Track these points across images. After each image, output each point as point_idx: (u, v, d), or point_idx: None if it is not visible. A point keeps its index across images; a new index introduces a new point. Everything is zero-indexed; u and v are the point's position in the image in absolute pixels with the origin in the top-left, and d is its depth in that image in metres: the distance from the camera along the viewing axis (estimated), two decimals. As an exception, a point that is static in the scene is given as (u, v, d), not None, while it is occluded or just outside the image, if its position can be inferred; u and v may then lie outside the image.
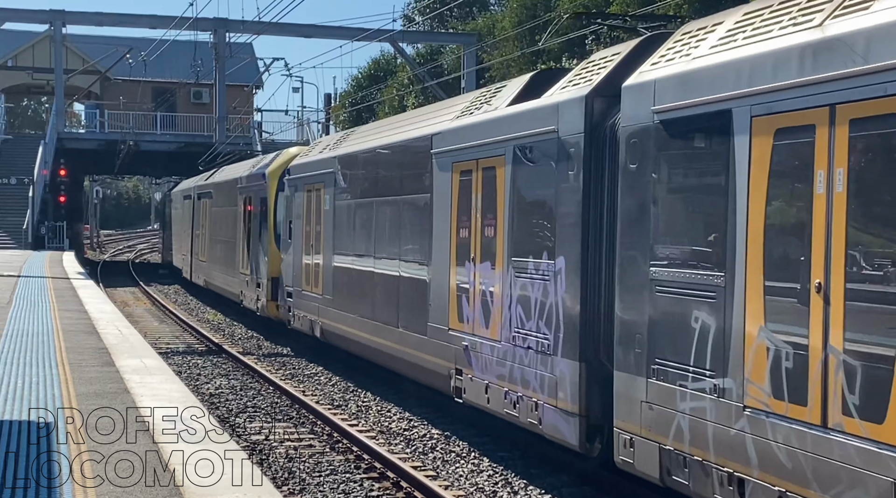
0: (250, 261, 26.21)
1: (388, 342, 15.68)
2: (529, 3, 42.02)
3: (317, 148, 21.87)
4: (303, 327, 20.76)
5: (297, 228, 21.34)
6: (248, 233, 26.63)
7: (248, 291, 26.48)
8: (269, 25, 37.29)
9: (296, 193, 21.54)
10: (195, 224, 37.35)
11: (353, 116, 59.64)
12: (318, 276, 19.60)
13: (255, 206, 26.14)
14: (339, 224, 18.55)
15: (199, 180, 38.85)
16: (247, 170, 28.86)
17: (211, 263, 33.32)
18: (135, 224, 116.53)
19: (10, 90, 63.46)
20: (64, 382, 10.59)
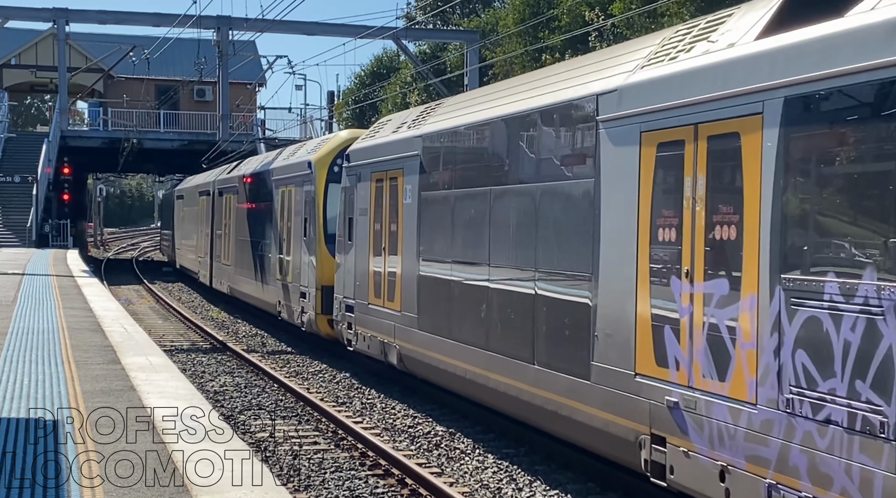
0: (292, 266, 22.37)
1: (516, 382, 11.74)
2: (532, 1, 42.00)
3: (386, 127, 17.63)
4: (370, 350, 16.75)
5: (360, 227, 17.48)
6: (288, 233, 22.90)
7: (288, 302, 22.57)
8: (272, 23, 37.31)
9: (358, 184, 17.65)
10: (216, 223, 33.48)
11: (356, 114, 59.64)
12: (394, 287, 15.60)
13: (297, 201, 22.27)
14: (427, 222, 14.48)
15: (220, 173, 34.68)
16: (283, 159, 25.01)
17: (238, 268, 29.18)
18: (138, 222, 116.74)
19: (14, 88, 63.54)
20: (70, 380, 10.62)
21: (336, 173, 19.90)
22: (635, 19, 30.96)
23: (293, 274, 22.25)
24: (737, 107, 7.97)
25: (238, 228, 29.25)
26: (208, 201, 35.37)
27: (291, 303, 22.33)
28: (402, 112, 19.12)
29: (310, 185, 21.09)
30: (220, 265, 32.34)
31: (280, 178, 24.16)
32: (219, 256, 32.54)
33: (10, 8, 49.52)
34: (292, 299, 22.25)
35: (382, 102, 57.53)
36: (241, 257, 28.73)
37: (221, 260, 31.93)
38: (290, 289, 22.40)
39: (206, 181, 37.14)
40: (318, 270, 20.25)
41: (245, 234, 28.25)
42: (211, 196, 34.72)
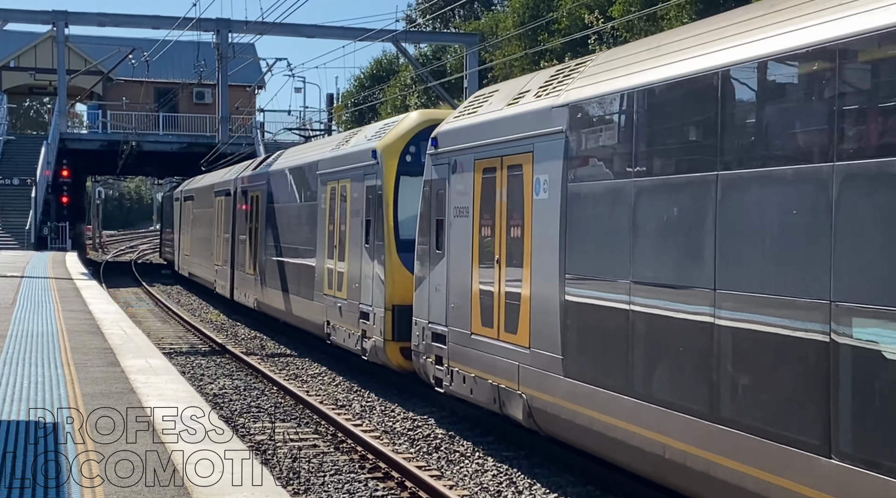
0: (347, 279, 18.24)
1: (785, 481, 7.41)
2: (532, 3, 42.03)
3: (492, 99, 13.29)
4: (475, 396, 12.79)
5: (457, 232, 13.42)
6: (341, 238, 18.74)
7: (342, 324, 18.48)
8: (271, 26, 37.33)
9: (452, 176, 13.59)
10: (238, 227, 29.17)
11: (355, 116, 59.67)
12: (516, 314, 11.63)
13: (353, 199, 18.17)
14: (579, 225, 10.38)
15: (242, 170, 30.38)
16: (332, 149, 20.43)
17: (269, 280, 24.88)
18: (136, 225, 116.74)
19: (13, 91, 63.53)
20: (70, 382, 10.62)
21: (409, 164, 16.43)
22: (635, 22, 30.99)
23: (349, 289, 17.99)
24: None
25: (269, 233, 24.91)
26: (227, 202, 30.89)
27: (346, 324, 18.17)
28: (511, 81, 14.41)
29: (374, 178, 16.96)
30: (243, 275, 27.95)
31: (329, 172, 19.77)
32: (242, 265, 28.19)
33: (9, 10, 49.59)
34: (347, 320, 18.06)
35: (382, 105, 57.57)
36: (272, 267, 24.35)
37: (246, 269, 27.55)
38: (345, 307, 18.23)
39: (224, 179, 32.51)
40: (389, 285, 16.14)
41: (278, 239, 24.08)
42: (232, 196, 30.15)
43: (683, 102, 8.94)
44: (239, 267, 28.70)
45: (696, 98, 8.73)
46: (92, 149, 52.13)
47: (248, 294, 27.36)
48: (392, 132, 17.19)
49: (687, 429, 8.49)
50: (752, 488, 7.66)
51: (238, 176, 29.92)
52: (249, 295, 27.13)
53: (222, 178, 33.11)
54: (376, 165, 16.91)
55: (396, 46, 50.60)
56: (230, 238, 30.16)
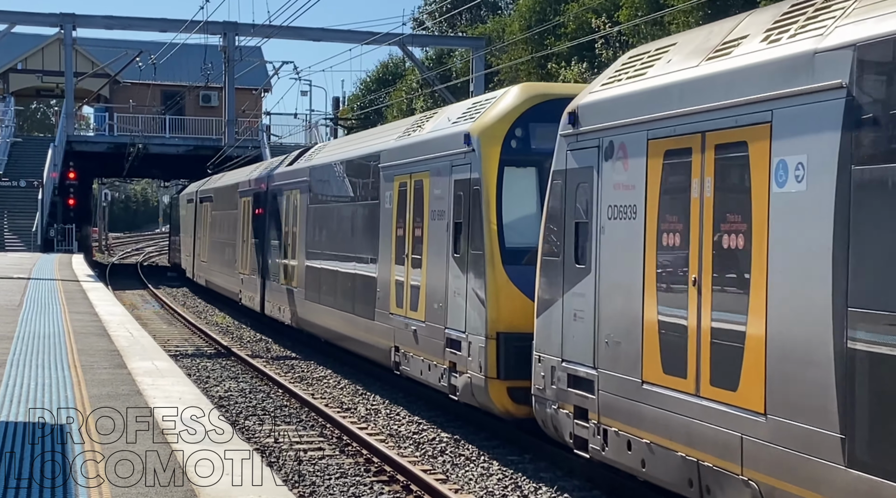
0: (425, 297, 14.80)
1: None
2: (538, 8, 42.08)
3: (667, 58, 9.69)
4: (656, 473, 9.24)
5: (612, 239, 9.95)
6: (416, 245, 15.27)
7: (419, 352, 14.97)
8: (278, 29, 37.40)
9: (608, 164, 10.02)
10: (268, 231, 26.00)
11: (361, 120, 59.74)
12: (735, 361, 8.11)
13: (434, 197, 14.67)
14: (880, 232, 6.83)
15: (270, 167, 27.55)
16: (399, 137, 16.93)
17: (309, 293, 21.44)
18: (142, 227, 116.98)
19: (20, 93, 63.68)
20: (77, 384, 10.65)
21: (515, 151, 13.14)
22: (642, 27, 31.02)
23: (429, 309, 14.59)
24: None
25: (311, 237, 21.53)
26: (256, 203, 27.83)
27: (425, 353, 14.75)
28: (687, 32, 11.21)
29: (467, 170, 13.50)
30: (277, 286, 24.45)
31: (396, 164, 16.34)
32: (276, 275, 24.72)
33: (17, 13, 49.75)
34: (427, 348, 14.68)
35: (388, 108, 57.64)
36: (316, 278, 20.93)
37: (280, 280, 24.11)
38: (423, 332, 14.78)
39: (251, 178, 29.28)
40: (491, 306, 12.72)
41: (325, 245, 20.55)
42: (262, 196, 27.21)
43: None
44: (272, 277, 25.13)
45: None
46: (98, 151, 52.25)
47: (282, 308, 23.68)
48: (491, 112, 13.61)
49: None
50: None
51: (269, 173, 26.73)
52: (285, 309, 23.46)
53: (249, 176, 29.79)
54: (470, 154, 13.40)
55: (403, 50, 50.64)
56: (260, 243, 26.70)
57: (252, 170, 31.16)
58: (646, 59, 10.07)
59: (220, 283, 33.28)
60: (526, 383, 11.71)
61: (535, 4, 42.68)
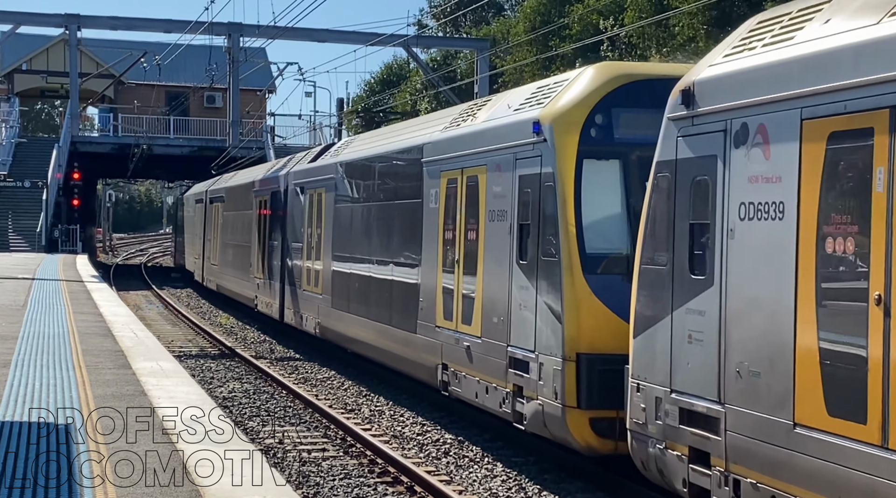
0: (481, 308, 12.90)
1: None
2: (543, 9, 42.10)
3: (822, 16, 7.89)
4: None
5: (747, 244, 8.15)
6: (470, 249, 13.36)
7: (473, 372, 13.08)
8: (283, 30, 37.44)
9: (739, 152, 8.25)
10: (289, 233, 24.03)
11: (365, 121, 59.80)
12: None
13: (494, 195, 12.75)
14: None
15: (290, 165, 25.50)
16: (446, 127, 14.94)
17: (335, 299, 19.57)
18: (146, 228, 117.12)
19: (25, 93, 63.80)
20: (81, 384, 10.66)
21: (596, 141, 11.33)
22: (647, 29, 31.02)
23: (486, 323, 12.69)
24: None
25: (339, 240, 19.59)
26: (273, 203, 26.03)
27: (482, 374, 12.79)
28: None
29: (536, 164, 11.69)
30: (299, 293, 22.52)
31: (443, 159, 14.41)
32: (297, 280, 22.75)
33: (22, 14, 49.87)
34: (484, 368, 12.71)
35: (392, 110, 57.68)
36: (344, 284, 19.08)
37: (303, 285, 22.11)
38: (479, 349, 12.84)
39: (268, 176, 27.52)
40: (569, 322, 10.97)
41: (356, 248, 18.60)
42: (280, 195, 25.08)
43: None
44: (292, 282, 23.19)
45: None
46: (103, 152, 52.33)
47: (306, 316, 21.79)
48: (565, 96, 11.68)
49: None
50: None
51: (289, 171, 24.73)
52: (308, 317, 21.53)
53: (265, 174, 28.02)
54: (541, 145, 11.54)
55: (407, 51, 50.70)
56: (279, 246, 24.68)
57: (268, 168, 29.27)
58: (788, 22, 8.21)
59: (232, 287, 31.25)
60: (611, 414, 10.22)
61: (539, 6, 42.70)
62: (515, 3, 58.72)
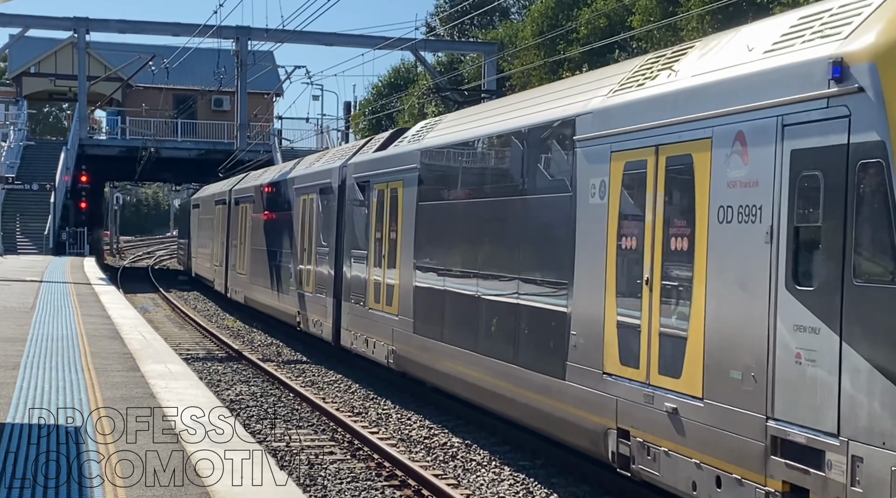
0: (704, 352, 8.80)
1: None
2: (551, 13, 42.13)
3: None
4: None
5: None
6: (665, 262, 9.53)
7: (686, 449, 8.98)
8: (291, 34, 37.49)
9: None
10: (345, 238, 19.90)
11: (372, 124, 59.83)
12: None
13: (736, 183, 8.56)
14: None
15: (343, 157, 21.18)
16: (612, 92, 10.86)
17: (419, 323, 15.66)
18: (153, 231, 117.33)
19: (33, 96, 63.96)
20: (90, 387, 10.69)
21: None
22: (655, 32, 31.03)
23: (713, 378, 8.72)
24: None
25: (426, 247, 15.56)
26: (325, 203, 21.40)
27: (712, 456, 8.70)
28: None
29: (835, 131, 7.57)
30: (362, 311, 18.43)
31: (614, 134, 10.42)
32: (361, 296, 18.54)
33: (31, 17, 49.97)
34: (712, 447, 8.69)
35: (399, 113, 57.73)
36: (433, 305, 15.13)
37: (370, 303, 18.03)
38: (698, 416, 8.86)
39: (317, 170, 22.96)
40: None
41: (452, 259, 14.56)
42: (335, 194, 20.61)
43: None
44: (354, 297, 19.00)
45: None
46: (111, 155, 52.44)
47: (373, 342, 17.69)
48: (885, 15, 7.57)
49: None
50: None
51: (346, 162, 20.25)
52: (378, 344, 17.42)
53: (309, 169, 23.81)
54: (850, 98, 7.43)
55: (415, 55, 50.74)
56: (331, 253, 20.51)
57: (312, 161, 25.06)
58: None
59: (267, 301, 26.75)
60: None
61: (547, 10, 42.72)
62: (523, 7, 58.75)
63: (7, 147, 49.24)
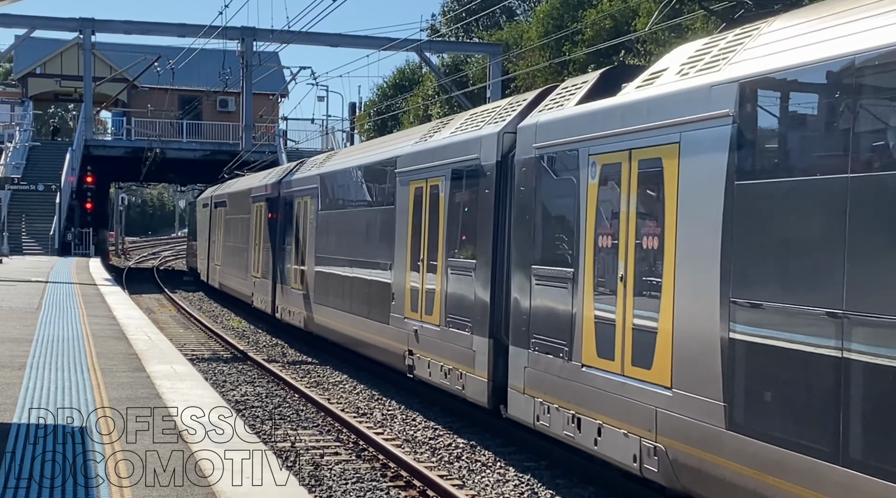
0: None
1: None
2: (556, 14, 42.12)
3: None
4: None
5: None
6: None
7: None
8: (297, 35, 37.53)
9: None
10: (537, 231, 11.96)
11: (377, 125, 59.85)
12: None
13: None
14: None
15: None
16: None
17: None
18: (158, 231, 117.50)
19: (38, 97, 64.08)
20: (96, 387, 10.71)
21: None
22: (660, 34, 31.02)
23: None
24: None
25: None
26: (460, 191, 14.38)
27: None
28: None
29: None
30: (567, 369, 10.97)
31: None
32: (553, 338, 11.25)
33: (36, 18, 50.06)
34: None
35: (404, 114, 57.75)
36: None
37: (587, 354, 10.64)
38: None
39: (446, 143, 15.07)
40: None
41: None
42: (488, 177, 13.38)
43: None
44: (537, 342, 11.66)
45: None
46: (116, 155, 52.53)
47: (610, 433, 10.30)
48: None
49: None
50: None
51: (522, 123, 12.60)
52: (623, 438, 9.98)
53: (434, 143, 15.61)
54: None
55: (420, 56, 50.75)
56: (482, 269, 13.37)
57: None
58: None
59: (351, 330, 19.31)
60: None
61: (552, 10, 42.71)
62: (528, 8, 58.75)
63: (13, 148, 49.35)
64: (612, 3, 37.90)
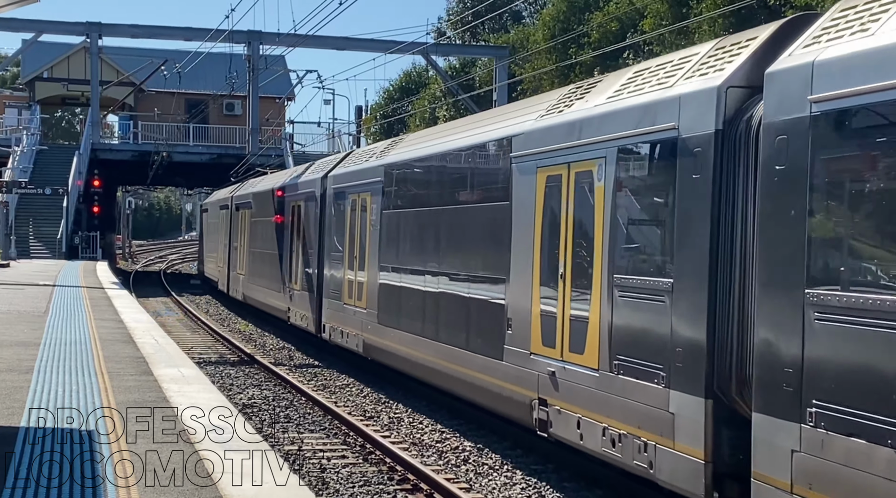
0: None
1: None
2: (562, 17, 42.14)
3: None
4: None
5: None
6: None
7: None
8: (303, 38, 37.55)
9: None
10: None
11: (384, 129, 59.92)
12: None
13: None
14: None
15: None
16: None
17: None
18: (165, 235, 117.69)
19: (46, 101, 64.23)
20: (104, 391, 10.73)
21: None
22: (666, 36, 31.01)
23: None
24: None
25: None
26: (642, 181, 10.09)
27: None
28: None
29: None
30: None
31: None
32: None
33: (43, 22, 50.21)
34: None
35: (411, 117, 57.80)
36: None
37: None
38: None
39: (613, 109, 10.58)
40: None
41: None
42: (698, 157, 8.95)
43: None
44: (775, 403, 7.68)
45: None
46: (123, 159, 52.63)
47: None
48: None
49: None
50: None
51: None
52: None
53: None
54: None
55: (426, 59, 50.78)
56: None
57: (560, 97, 12.85)
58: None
59: (434, 361, 15.40)
60: None
61: (559, 14, 42.74)
62: (534, 11, 58.78)
63: (20, 152, 49.46)
64: (618, 5, 37.90)
